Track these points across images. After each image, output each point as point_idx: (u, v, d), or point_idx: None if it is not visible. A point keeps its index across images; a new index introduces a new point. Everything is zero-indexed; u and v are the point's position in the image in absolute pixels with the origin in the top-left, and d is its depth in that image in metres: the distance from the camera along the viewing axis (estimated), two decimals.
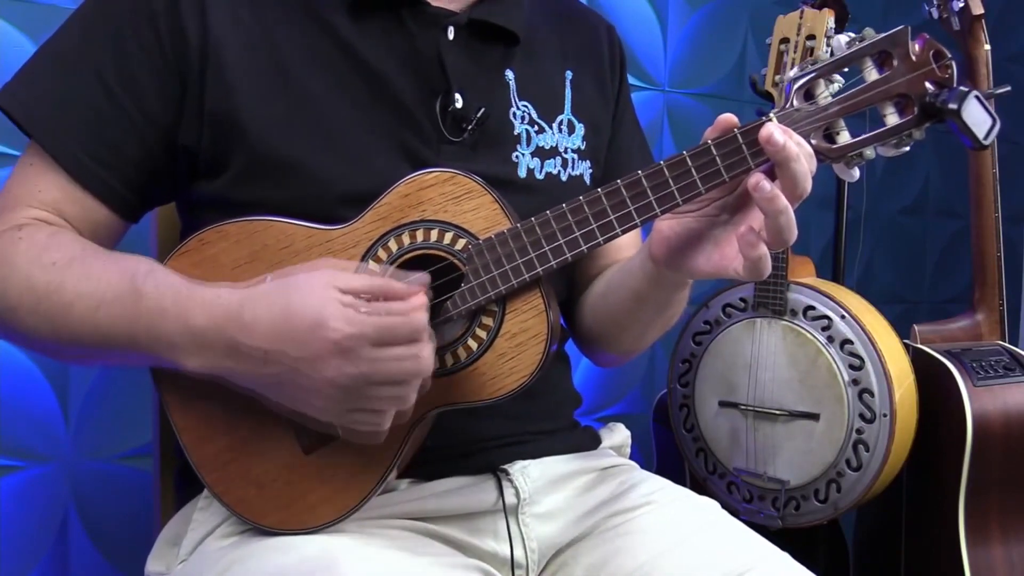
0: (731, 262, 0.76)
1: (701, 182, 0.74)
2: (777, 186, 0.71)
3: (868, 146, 0.74)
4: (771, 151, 0.70)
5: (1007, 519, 1.47)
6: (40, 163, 0.81)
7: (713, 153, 0.73)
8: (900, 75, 0.72)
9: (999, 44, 1.62)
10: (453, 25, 0.86)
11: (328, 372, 0.69)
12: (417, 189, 0.77)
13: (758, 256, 0.73)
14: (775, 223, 0.72)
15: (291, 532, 0.78)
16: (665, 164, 0.74)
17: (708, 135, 0.75)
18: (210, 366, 0.72)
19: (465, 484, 0.87)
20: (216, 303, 0.72)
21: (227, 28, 0.81)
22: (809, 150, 0.72)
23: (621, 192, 0.75)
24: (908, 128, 0.73)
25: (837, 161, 0.75)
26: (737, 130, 0.73)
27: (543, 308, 0.77)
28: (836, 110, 0.73)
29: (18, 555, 1.28)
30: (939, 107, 0.70)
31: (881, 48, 0.72)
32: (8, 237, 0.77)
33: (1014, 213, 2.17)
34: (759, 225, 0.73)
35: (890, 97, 0.73)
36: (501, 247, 0.76)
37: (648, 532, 0.86)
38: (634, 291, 0.90)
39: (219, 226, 0.79)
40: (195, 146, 0.82)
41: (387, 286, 0.71)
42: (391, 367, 0.69)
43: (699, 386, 1.55)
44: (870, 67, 0.73)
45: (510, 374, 0.77)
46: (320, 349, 0.68)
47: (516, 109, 0.90)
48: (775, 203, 0.71)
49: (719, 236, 0.78)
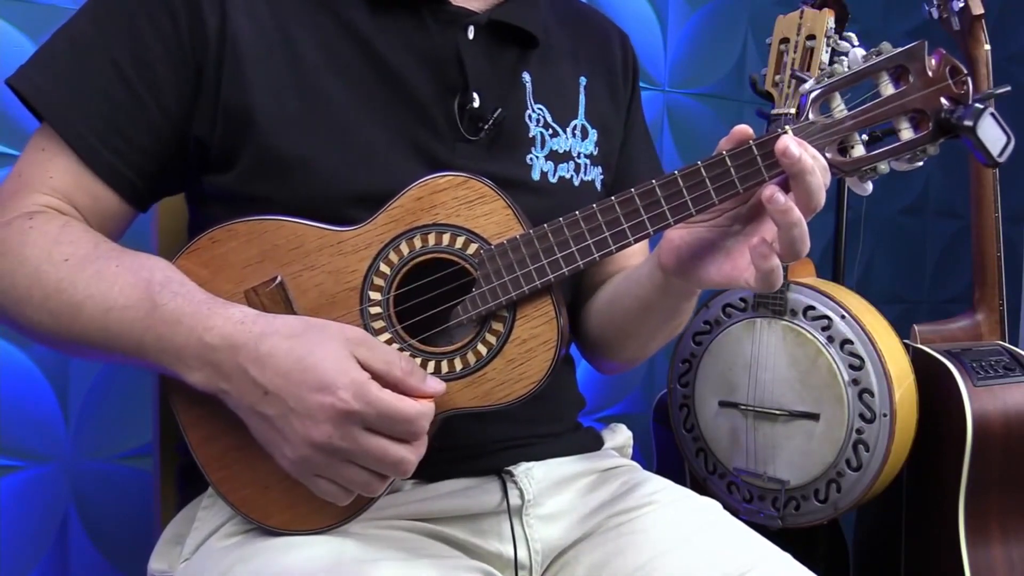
0: (742, 272, 0.76)
1: (715, 193, 0.74)
2: (791, 199, 0.71)
3: (882, 160, 0.74)
4: (786, 163, 0.70)
5: (1007, 519, 1.47)
6: (52, 148, 0.80)
7: (728, 164, 0.73)
8: (916, 90, 0.72)
9: (999, 44, 1.62)
10: (473, 24, 0.86)
11: (315, 433, 0.68)
12: (430, 192, 0.77)
13: (770, 268, 0.73)
14: (788, 235, 0.71)
15: (296, 532, 0.78)
16: (679, 174, 0.74)
17: (723, 146, 0.75)
18: (210, 383, 0.72)
19: (470, 485, 0.87)
20: (239, 325, 0.71)
21: (244, 21, 0.81)
22: (824, 163, 0.72)
23: (635, 201, 0.75)
24: (923, 143, 0.73)
25: (851, 175, 0.75)
26: (752, 142, 0.73)
27: (554, 315, 0.77)
28: (851, 124, 0.73)
29: (18, 555, 1.28)
30: (954, 123, 0.70)
31: (898, 63, 0.72)
32: (18, 226, 0.76)
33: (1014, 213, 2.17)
34: (771, 237, 0.73)
35: (905, 112, 0.73)
36: (513, 253, 0.76)
37: (649, 532, 0.86)
38: (641, 299, 0.89)
39: (229, 225, 0.78)
40: (208, 138, 0.81)
41: (404, 379, 0.70)
42: (375, 454, 0.69)
43: (699, 386, 1.55)
44: (886, 81, 0.73)
45: (519, 380, 0.77)
46: (318, 410, 0.68)
47: (532, 112, 0.90)
48: (789, 216, 0.70)
49: (730, 246, 0.78)
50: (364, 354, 0.70)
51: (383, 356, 0.70)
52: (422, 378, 0.72)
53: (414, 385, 0.71)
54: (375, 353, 0.70)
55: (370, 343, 0.71)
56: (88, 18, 0.82)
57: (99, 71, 0.79)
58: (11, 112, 1.21)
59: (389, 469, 0.70)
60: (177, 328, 0.71)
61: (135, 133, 0.80)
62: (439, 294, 0.77)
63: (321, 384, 0.68)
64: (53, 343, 0.79)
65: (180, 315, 0.71)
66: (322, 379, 0.68)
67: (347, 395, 0.67)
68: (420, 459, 0.71)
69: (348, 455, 0.69)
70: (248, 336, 0.70)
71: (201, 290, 0.74)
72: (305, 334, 0.70)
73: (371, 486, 0.71)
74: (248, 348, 0.70)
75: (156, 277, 0.74)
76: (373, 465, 0.70)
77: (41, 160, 0.80)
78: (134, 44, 0.80)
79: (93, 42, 0.80)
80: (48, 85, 0.80)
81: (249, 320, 0.71)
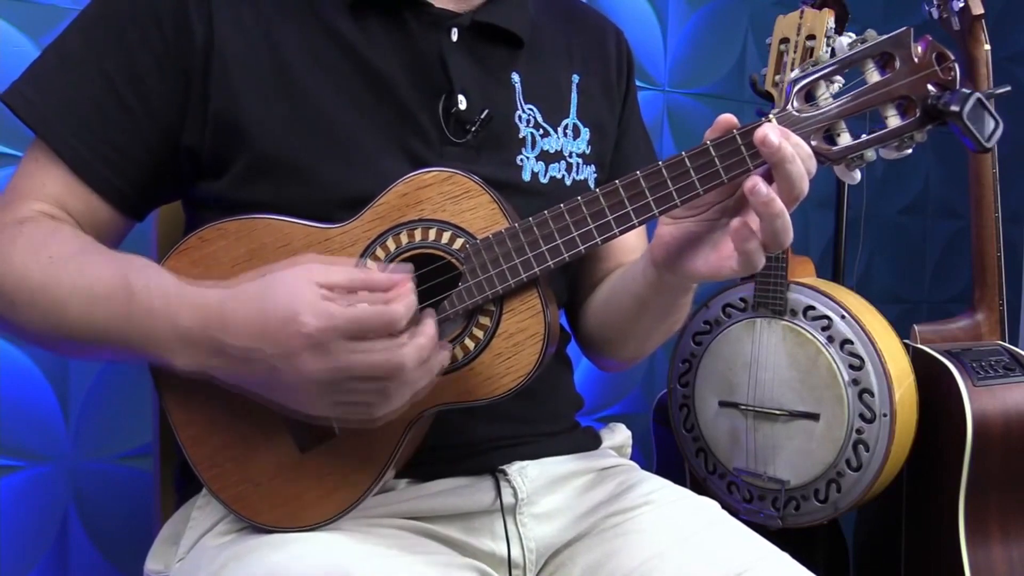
0: (726, 261, 0.76)
1: (700, 183, 0.74)
2: (774, 189, 0.71)
3: (869, 148, 0.73)
4: (766, 153, 0.70)
5: (1007, 519, 1.47)
6: (45, 159, 0.81)
7: (712, 154, 0.73)
8: (902, 77, 0.72)
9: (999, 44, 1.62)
10: (456, 27, 0.86)
11: (303, 367, 0.68)
12: (415, 188, 0.77)
13: (751, 249, 0.73)
14: (771, 226, 0.72)
15: (287, 530, 0.78)
16: (664, 165, 0.74)
17: (708, 136, 0.75)
18: (198, 365, 0.72)
19: (463, 484, 0.86)
20: (201, 302, 0.71)
21: (231, 29, 0.81)
22: (808, 151, 0.72)
23: (619, 192, 0.75)
24: (910, 130, 0.72)
25: (838, 163, 0.75)
26: (736, 131, 0.73)
27: (540, 308, 0.77)
28: (837, 111, 0.73)
29: (18, 555, 1.28)
30: (941, 109, 0.70)
31: (883, 49, 0.72)
32: (9, 233, 0.77)
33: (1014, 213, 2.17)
34: (755, 226, 0.73)
35: (892, 99, 0.72)
36: (499, 247, 0.76)
37: (647, 532, 0.86)
38: (637, 296, 0.89)
39: (219, 224, 0.79)
40: (198, 146, 0.82)
41: (367, 278, 0.70)
42: (365, 360, 0.68)
43: (699, 386, 1.55)
44: (872, 69, 0.73)
45: (507, 374, 0.77)
46: (293, 344, 0.67)
47: (522, 112, 0.90)
48: (771, 207, 0.71)
49: (717, 239, 0.78)
50: (319, 275, 0.69)
51: (338, 270, 0.70)
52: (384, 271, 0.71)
53: (378, 280, 0.70)
54: (329, 270, 0.69)
55: (321, 261, 0.71)
56: (78, 32, 0.83)
57: (89, 83, 0.80)
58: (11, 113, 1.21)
59: (391, 370, 0.69)
60: (153, 316, 0.72)
61: (126, 143, 0.81)
62: (426, 289, 0.77)
63: (284, 319, 0.67)
64: (48, 343, 0.79)
65: (153, 304, 0.72)
66: (283, 314, 0.67)
67: (309, 317, 0.67)
68: (422, 351, 0.70)
69: (347, 372, 0.68)
70: (211, 308, 0.70)
71: (172, 278, 0.74)
72: (260, 284, 0.70)
73: (385, 392, 0.70)
74: (213, 319, 0.70)
75: (134, 266, 0.75)
76: (376, 372, 0.69)
77: (34, 171, 0.81)
78: (123, 55, 0.80)
79: (83, 55, 0.81)
80: (39, 99, 0.81)
81: (210, 293, 0.72)
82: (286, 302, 0.68)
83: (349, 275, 0.70)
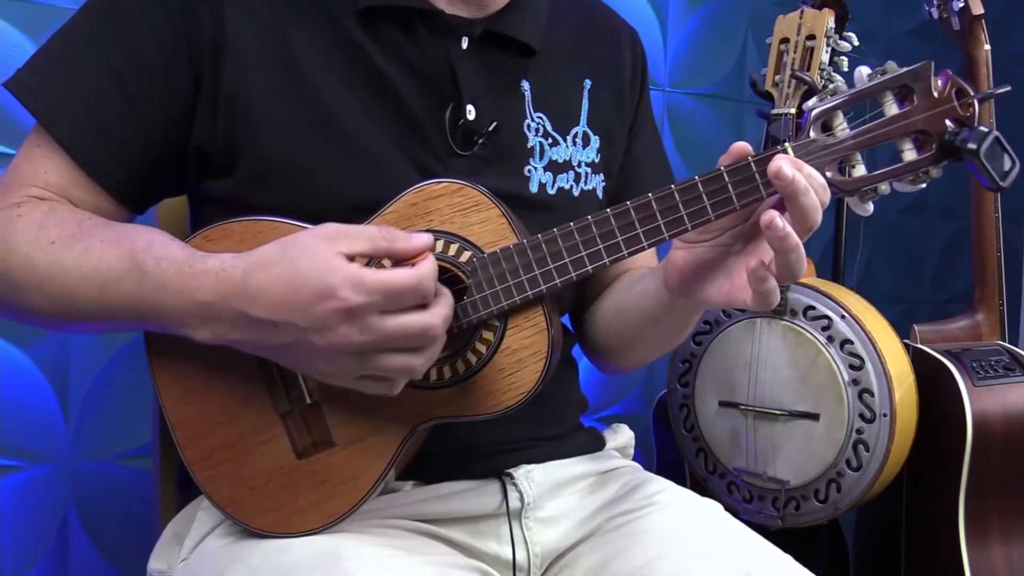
0: (740, 292, 0.76)
1: (711, 208, 0.73)
2: (786, 218, 0.70)
3: (884, 181, 0.73)
4: (779, 185, 0.70)
5: (1007, 519, 1.47)
6: (46, 146, 0.80)
7: (725, 180, 0.73)
8: (920, 111, 0.71)
9: (999, 44, 1.61)
10: (467, 35, 0.86)
11: (337, 340, 0.68)
12: (425, 199, 0.77)
13: (767, 290, 0.73)
14: (785, 260, 0.71)
15: (279, 535, 0.77)
16: (676, 188, 0.74)
17: (722, 162, 0.74)
18: (219, 337, 0.72)
19: (469, 488, 0.86)
20: (220, 275, 0.71)
21: (242, 24, 0.81)
22: (822, 181, 0.72)
23: (630, 214, 0.74)
24: (925, 165, 0.72)
25: (851, 195, 0.74)
26: (751, 158, 0.72)
27: (545, 326, 0.76)
28: (853, 143, 0.72)
29: (18, 555, 1.28)
30: (958, 146, 0.69)
31: (903, 82, 0.71)
32: (6, 216, 0.77)
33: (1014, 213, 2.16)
34: (769, 258, 0.73)
35: (909, 133, 0.72)
36: (506, 262, 0.76)
37: (649, 533, 0.86)
38: (648, 313, 0.89)
39: (224, 224, 0.78)
40: (207, 146, 0.81)
41: (391, 247, 0.70)
42: (399, 333, 0.68)
43: (699, 386, 1.55)
44: (890, 101, 0.72)
45: (508, 390, 0.76)
46: (328, 318, 0.67)
47: (531, 121, 0.89)
48: (786, 241, 0.70)
49: (731, 266, 0.77)
50: (346, 245, 0.69)
51: (364, 237, 0.70)
52: (407, 239, 0.71)
53: (404, 248, 0.70)
54: (355, 239, 0.69)
55: (345, 231, 0.70)
56: (84, 21, 0.82)
57: (94, 73, 0.79)
58: (11, 112, 1.21)
59: (418, 340, 0.69)
60: (167, 292, 0.72)
61: (129, 135, 0.80)
62: None
63: (320, 293, 0.67)
64: (57, 325, 0.79)
65: (166, 280, 0.72)
66: (318, 288, 0.67)
67: (347, 292, 0.67)
68: (445, 321, 0.71)
69: (376, 345, 0.69)
70: (233, 281, 0.70)
71: (181, 249, 0.74)
72: (284, 255, 0.70)
73: (411, 365, 0.70)
74: (238, 292, 0.69)
75: (139, 244, 0.74)
76: (403, 343, 0.69)
77: (36, 157, 0.81)
78: (130, 47, 0.80)
79: (89, 45, 0.80)
80: (42, 87, 0.80)
81: (228, 265, 0.71)
82: (319, 274, 0.67)
83: (373, 244, 0.70)
